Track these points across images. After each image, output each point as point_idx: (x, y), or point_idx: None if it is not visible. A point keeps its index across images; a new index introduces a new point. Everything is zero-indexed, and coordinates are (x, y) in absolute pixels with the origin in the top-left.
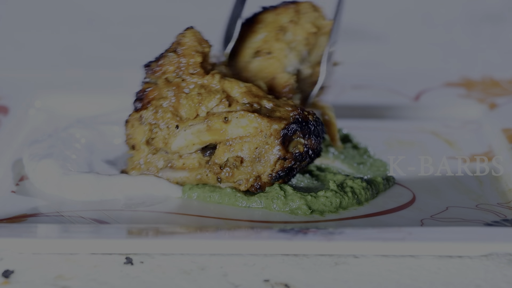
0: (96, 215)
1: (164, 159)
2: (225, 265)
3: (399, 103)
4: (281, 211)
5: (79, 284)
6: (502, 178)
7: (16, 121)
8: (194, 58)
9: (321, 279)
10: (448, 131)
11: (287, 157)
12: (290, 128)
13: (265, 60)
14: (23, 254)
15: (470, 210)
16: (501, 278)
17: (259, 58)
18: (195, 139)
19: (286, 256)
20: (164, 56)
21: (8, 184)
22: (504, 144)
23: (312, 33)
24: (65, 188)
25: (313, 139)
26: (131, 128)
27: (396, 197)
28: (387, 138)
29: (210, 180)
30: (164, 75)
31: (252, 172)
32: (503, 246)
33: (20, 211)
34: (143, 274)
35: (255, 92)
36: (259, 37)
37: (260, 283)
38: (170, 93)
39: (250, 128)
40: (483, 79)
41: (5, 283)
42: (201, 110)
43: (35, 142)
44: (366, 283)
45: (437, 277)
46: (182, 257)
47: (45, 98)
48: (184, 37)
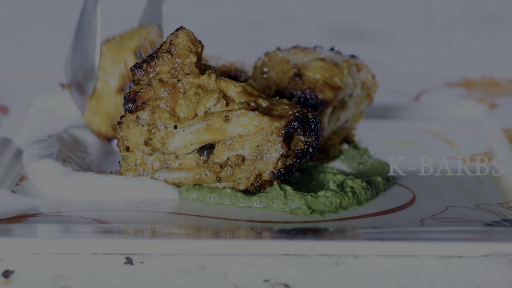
0: (96, 215)
1: (160, 160)
2: (225, 265)
3: (399, 103)
4: (281, 211)
5: (79, 284)
6: (502, 178)
7: (16, 121)
8: (189, 58)
9: (321, 279)
10: (448, 131)
11: (289, 154)
12: (292, 126)
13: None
14: (23, 254)
15: (470, 210)
16: (501, 278)
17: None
18: (193, 138)
19: (286, 256)
20: (156, 57)
21: (8, 184)
22: (504, 144)
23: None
24: (65, 188)
25: (313, 136)
26: (126, 130)
27: (396, 197)
28: (387, 138)
29: (209, 179)
30: (158, 76)
31: (253, 170)
32: (503, 246)
33: (20, 211)
34: (143, 274)
35: (250, 91)
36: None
37: (260, 283)
38: (165, 93)
39: (251, 126)
40: (483, 79)
41: (5, 283)
42: (199, 110)
43: (35, 142)
44: (366, 283)
45: (437, 277)
46: (182, 257)
47: (45, 98)
48: (177, 37)
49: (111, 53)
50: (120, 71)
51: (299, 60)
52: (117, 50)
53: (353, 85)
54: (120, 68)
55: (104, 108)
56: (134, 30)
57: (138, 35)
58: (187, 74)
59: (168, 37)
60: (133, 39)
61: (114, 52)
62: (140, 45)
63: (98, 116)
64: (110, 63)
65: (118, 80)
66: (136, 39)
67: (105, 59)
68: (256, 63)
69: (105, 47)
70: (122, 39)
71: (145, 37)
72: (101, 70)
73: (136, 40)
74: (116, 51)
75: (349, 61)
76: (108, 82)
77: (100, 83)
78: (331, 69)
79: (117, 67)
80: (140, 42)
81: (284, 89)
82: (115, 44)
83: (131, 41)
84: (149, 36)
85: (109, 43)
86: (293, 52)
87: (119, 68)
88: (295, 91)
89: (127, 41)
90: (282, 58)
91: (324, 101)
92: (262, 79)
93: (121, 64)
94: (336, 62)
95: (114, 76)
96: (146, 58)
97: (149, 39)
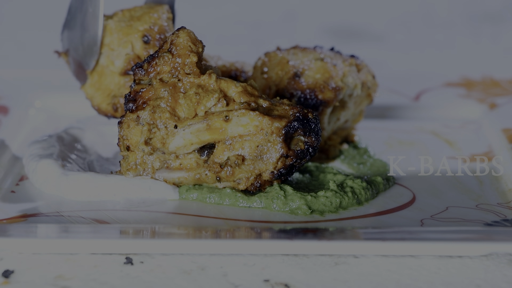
0: (96, 215)
1: (160, 159)
2: (225, 265)
3: (399, 103)
4: (281, 211)
5: (79, 284)
6: (502, 178)
7: (16, 121)
8: (190, 58)
9: (321, 279)
10: (448, 131)
11: (289, 154)
12: (292, 126)
13: (330, 64)
14: (23, 254)
15: (470, 210)
16: (501, 278)
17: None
18: (194, 138)
19: (286, 256)
20: (157, 57)
21: (8, 184)
22: (504, 144)
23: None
24: (65, 188)
25: (313, 137)
26: (127, 129)
27: (396, 197)
28: (387, 138)
29: (209, 179)
30: (159, 76)
31: (254, 170)
32: (503, 246)
33: (20, 211)
34: (143, 274)
35: (251, 91)
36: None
37: (260, 283)
38: (165, 93)
39: (251, 126)
40: (483, 79)
41: (5, 283)
42: (199, 110)
43: (35, 142)
44: (366, 283)
45: (437, 277)
46: (182, 257)
47: (45, 98)
48: (178, 37)
49: (119, 32)
50: (126, 53)
51: (299, 60)
52: (125, 31)
53: (353, 85)
54: (127, 50)
55: (107, 85)
56: (145, 10)
57: (147, 17)
58: (187, 74)
59: (169, 37)
60: (142, 22)
61: (122, 32)
62: (149, 29)
63: (100, 92)
64: (117, 42)
65: (123, 61)
66: (145, 22)
67: (112, 37)
68: (256, 63)
69: (114, 23)
70: (131, 18)
71: (155, 21)
72: (107, 47)
73: (145, 23)
74: (124, 32)
75: (349, 61)
76: (114, 61)
77: (105, 59)
78: (331, 69)
79: (124, 48)
80: (149, 26)
81: (284, 89)
82: (124, 24)
83: (140, 24)
84: (158, 20)
85: (118, 19)
86: (293, 52)
87: (125, 50)
88: (295, 91)
89: (136, 22)
90: (282, 58)
91: (324, 101)
92: (262, 79)
93: (128, 46)
94: (336, 62)
95: (120, 56)
96: (147, 58)
97: (159, 23)
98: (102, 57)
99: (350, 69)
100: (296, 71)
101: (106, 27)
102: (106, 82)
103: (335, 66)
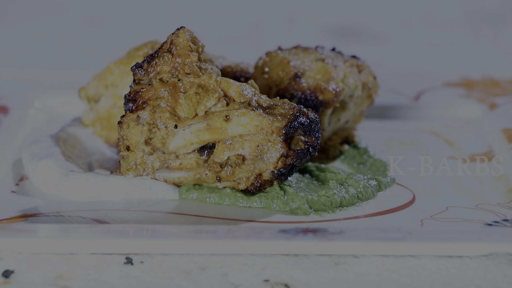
0: (96, 215)
1: (160, 159)
2: (225, 265)
3: (399, 103)
4: (281, 211)
5: (79, 284)
6: (502, 178)
7: (16, 121)
8: (190, 58)
9: (321, 279)
10: (448, 131)
11: (289, 154)
12: (293, 126)
13: (331, 65)
14: (23, 254)
15: (470, 210)
16: (501, 278)
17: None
18: (194, 138)
19: (286, 256)
20: (157, 57)
21: (8, 184)
22: (504, 144)
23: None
24: (65, 188)
25: (313, 136)
26: (127, 129)
27: (396, 197)
28: (387, 138)
29: (209, 179)
30: (159, 76)
31: (254, 170)
32: (503, 246)
33: (20, 211)
34: (143, 274)
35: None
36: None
37: (260, 283)
38: (165, 93)
39: (251, 126)
40: (483, 79)
41: (5, 283)
42: (199, 110)
43: (35, 142)
44: (366, 283)
45: (437, 277)
46: (182, 257)
47: (45, 98)
48: (178, 37)
49: (119, 66)
50: (131, 81)
51: (300, 61)
52: (126, 62)
53: (354, 86)
54: (131, 77)
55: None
56: (141, 45)
57: (144, 46)
58: (187, 73)
59: (169, 37)
60: (140, 49)
61: (123, 64)
62: (148, 53)
63: (113, 131)
64: (119, 77)
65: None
66: (144, 47)
67: (114, 75)
68: (257, 62)
69: (113, 64)
70: (129, 53)
71: (152, 45)
72: (110, 86)
73: (145, 47)
74: (125, 63)
75: (351, 62)
76: (120, 95)
77: (111, 99)
78: (332, 70)
79: (127, 77)
80: (148, 51)
81: (285, 89)
82: (123, 58)
83: (139, 51)
84: (156, 44)
85: (117, 61)
86: (294, 52)
87: (130, 78)
88: (295, 92)
89: (134, 52)
90: (283, 58)
91: (325, 102)
92: (262, 79)
93: (131, 73)
94: (337, 63)
95: (126, 86)
96: (147, 57)
97: (158, 45)
98: (106, 99)
99: (351, 70)
100: (297, 71)
101: (106, 70)
102: (117, 120)
103: (336, 67)
